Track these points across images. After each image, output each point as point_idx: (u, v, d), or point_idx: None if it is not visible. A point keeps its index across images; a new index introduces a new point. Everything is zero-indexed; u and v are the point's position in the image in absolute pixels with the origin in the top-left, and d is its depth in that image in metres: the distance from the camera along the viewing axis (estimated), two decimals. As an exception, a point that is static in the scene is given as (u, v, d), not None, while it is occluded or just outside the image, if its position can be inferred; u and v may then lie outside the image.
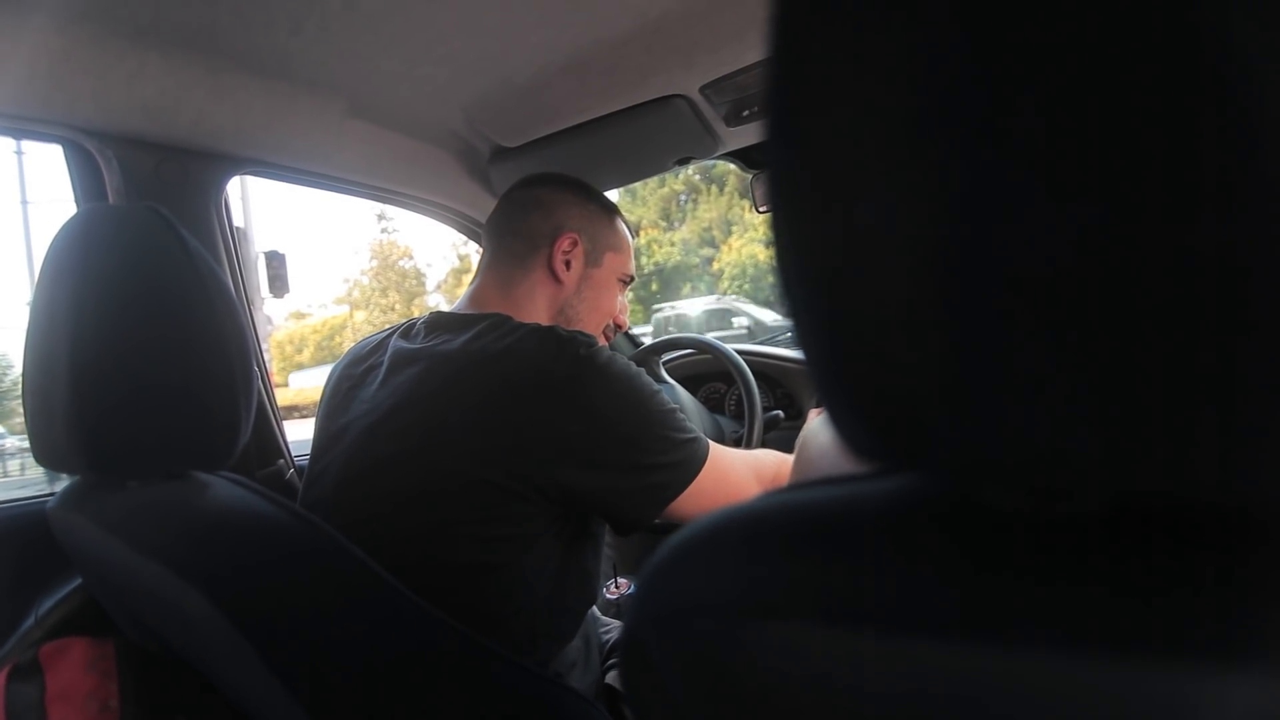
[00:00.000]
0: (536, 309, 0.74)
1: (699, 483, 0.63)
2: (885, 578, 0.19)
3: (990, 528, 0.19)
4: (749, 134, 1.00)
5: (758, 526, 0.23)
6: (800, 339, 0.20)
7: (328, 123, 0.84)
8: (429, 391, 0.61)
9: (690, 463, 0.63)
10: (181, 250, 0.49)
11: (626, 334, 1.47)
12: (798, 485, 0.24)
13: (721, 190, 12.48)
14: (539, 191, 0.78)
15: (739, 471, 0.68)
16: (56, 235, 0.50)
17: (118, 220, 0.48)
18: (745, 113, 0.91)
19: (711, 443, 0.66)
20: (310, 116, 0.82)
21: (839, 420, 0.20)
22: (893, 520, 0.21)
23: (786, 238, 0.19)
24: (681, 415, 0.64)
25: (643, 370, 0.64)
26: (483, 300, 0.74)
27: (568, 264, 0.75)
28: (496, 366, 0.59)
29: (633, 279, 0.84)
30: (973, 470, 0.18)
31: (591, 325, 0.78)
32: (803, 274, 0.19)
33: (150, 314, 0.47)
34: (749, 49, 0.79)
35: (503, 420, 0.57)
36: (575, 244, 0.75)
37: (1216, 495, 0.15)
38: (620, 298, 0.83)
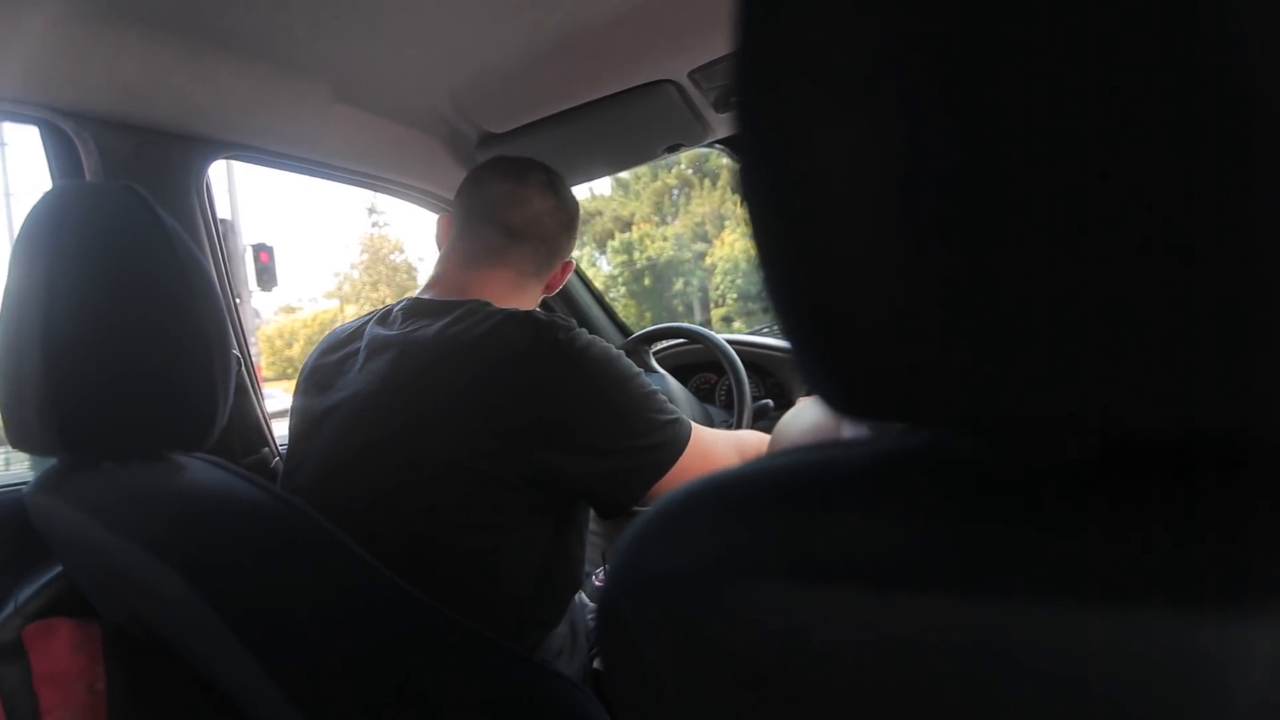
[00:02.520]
0: (519, 302, 0.74)
1: (682, 463, 0.63)
2: (862, 532, 0.19)
3: (974, 482, 0.18)
4: (739, 121, 0.99)
5: (731, 490, 0.22)
6: (775, 304, 0.20)
7: (312, 106, 0.83)
8: (406, 379, 0.61)
9: (673, 444, 0.63)
10: (158, 229, 0.48)
11: (616, 322, 1.46)
12: (774, 454, 0.24)
13: (715, 184, 12.46)
14: (534, 199, 0.75)
15: (722, 451, 0.68)
16: (30, 213, 0.49)
17: (92, 198, 0.47)
18: (734, 98, 0.91)
19: (694, 424, 0.66)
20: (294, 100, 0.81)
21: (818, 378, 0.19)
22: (871, 476, 0.20)
23: (757, 206, 0.19)
24: (662, 396, 0.64)
25: (623, 354, 0.63)
26: (461, 286, 0.73)
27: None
28: (475, 352, 0.59)
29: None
30: (956, 418, 0.18)
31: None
32: (775, 241, 0.19)
33: (125, 292, 0.46)
34: None
35: (482, 406, 0.57)
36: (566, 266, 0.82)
37: (1218, 429, 0.15)
38: None
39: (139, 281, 0.47)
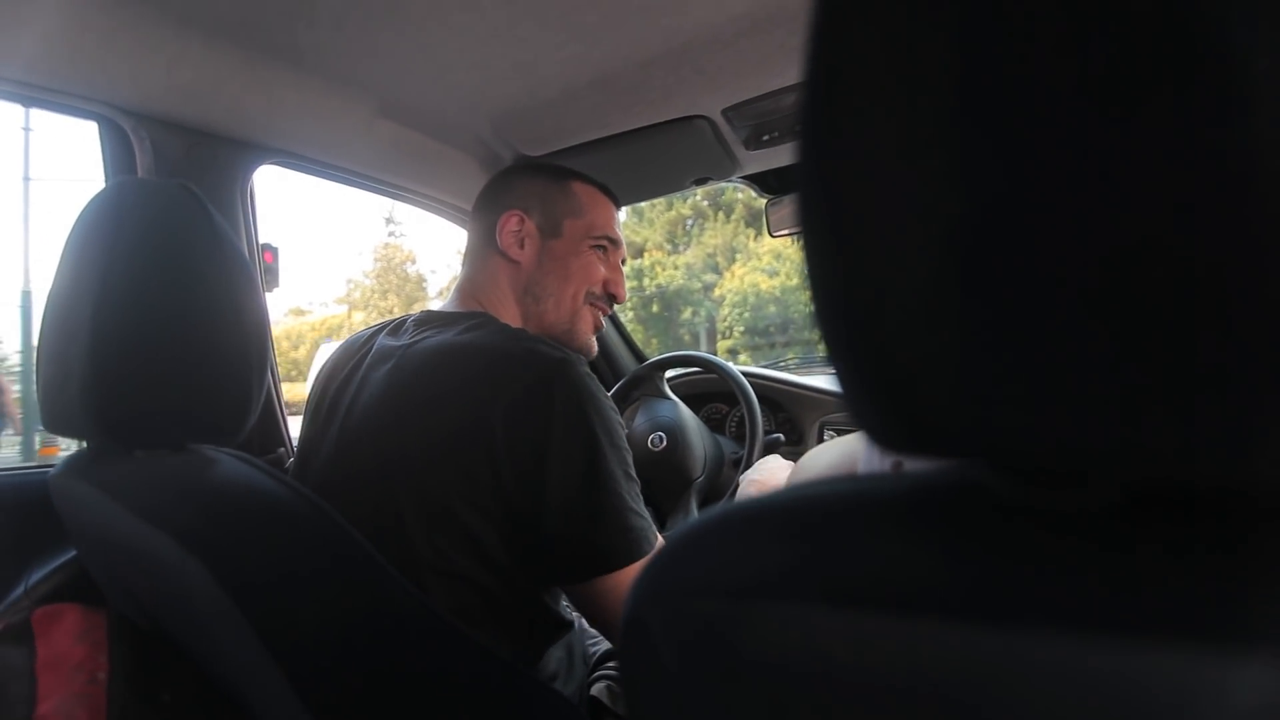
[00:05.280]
0: (501, 293, 0.74)
1: (631, 573, 0.56)
2: (890, 560, 0.20)
3: (1000, 517, 0.19)
4: (768, 158, 1.02)
5: (765, 513, 0.23)
6: (825, 338, 0.21)
7: (357, 120, 0.86)
8: (396, 394, 0.61)
9: (636, 545, 0.57)
10: (210, 228, 0.50)
11: (630, 346, 1.47)
12: (805, 484, 0.24)
13: (729, 217, 12.60)
14: (493, 180, 0.79)
15: None
16: (87, 205, 0.50)
17: (150, 194, 0.49)
18: (766, 137, 0.93)
19: (659, 538, 0.61)
20: (341, 113, 0.84)
21: (863, 410, 0.20)
22: (904, 507, 0.21)
23: (813, 239, 0.20)
24: (639, 493, 0.61)
25: (621, 422, 0.62)
26: (460, 293, 0.75)
27: (522, 243, 0.74)
28: (468, 372, 0.59)
29: (615, 241, 0.79)
30: (983, 458, 0.18)
31: (566, 296, 0.75)
32: (829, 277, 0.20)
33: (174, 287, 0.48)
34: (773, 75, 0.81)
35: (461, 446, 0.56)
36: (522, 221, 0.73)
37: (1221, 479, 0.16)
38: (604, 265, 0.78)
39: (189, 277, 0.48)
